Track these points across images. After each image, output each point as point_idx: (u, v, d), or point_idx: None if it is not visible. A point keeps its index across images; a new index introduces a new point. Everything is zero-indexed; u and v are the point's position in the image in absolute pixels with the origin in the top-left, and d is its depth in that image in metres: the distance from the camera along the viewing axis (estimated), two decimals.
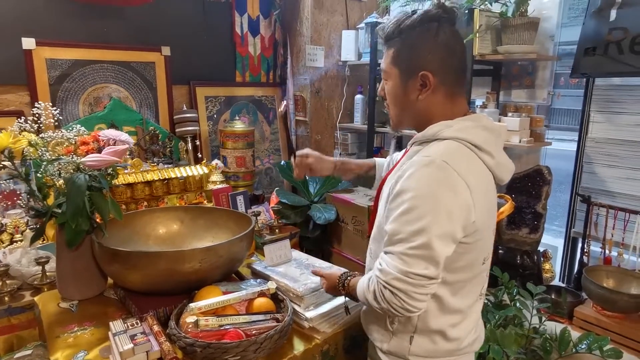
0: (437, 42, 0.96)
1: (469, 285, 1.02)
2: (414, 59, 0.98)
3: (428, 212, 0.89)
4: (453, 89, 1.01)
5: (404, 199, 0.92)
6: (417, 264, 0.89)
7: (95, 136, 1.42)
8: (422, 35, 0.97)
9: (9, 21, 1.94)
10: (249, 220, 1.53)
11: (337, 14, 2.81)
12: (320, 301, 1.32)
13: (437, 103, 1.00)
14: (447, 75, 0.99)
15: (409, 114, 1.05)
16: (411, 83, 1.00)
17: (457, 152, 0.94)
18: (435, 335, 1.03)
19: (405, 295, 0.90)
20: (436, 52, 0.97)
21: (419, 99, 1.00)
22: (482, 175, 0.97)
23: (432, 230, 0.88)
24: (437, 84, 0.99)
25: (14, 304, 1.49)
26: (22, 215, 1.81)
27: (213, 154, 2.58)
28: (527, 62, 2.30)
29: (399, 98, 1.04)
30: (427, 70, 0.97)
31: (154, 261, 1.23)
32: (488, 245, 1.04)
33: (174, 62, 2.42)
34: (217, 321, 1.13)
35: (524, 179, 2.12)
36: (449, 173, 0.90)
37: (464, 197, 0.91)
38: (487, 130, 0.99)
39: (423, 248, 0.89)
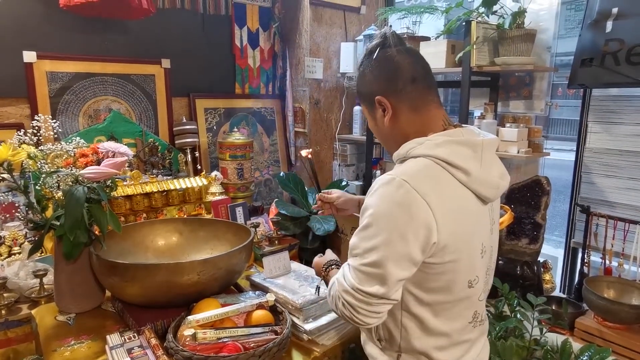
0: (378, 69, 1.00)
1: (455, 308, 0.98)
2: (367, 90, 1.03)
3: (382, 231, 0.89)
4: (415, 100, 0.99)
5: (365, 215, 0.92)
6: (368, 281, 0.90)
7: (95, 148, 1.42)
8: (367, 69, 1.02)
9: (10, 34, 1.95)
10: (248, 231, 1.52)
11: (336, 27, 2.84)
12: (319, 313, 1.32)
13: (405, 119, 1.00)
14: (401, 92, 0.98)
15: (390, 141, 1.05)
16: (376, 112, 1.03)
17: (423, 171, 0.91)
18: (420, 356, 1.00)
19: (352, 309, 0.92)
20: (380, 77, 1.00)
21: (387, 124, 1.01)
22: (455, 194, 0.93)
23: (384, 250, 0.88)
24: (394, 103, 0.99)
25: (11, 317, 1.48)
26: (21, 228, 1.81)
27: (212, 166, 2.58)
28: (525, 73, 2.32)
29: (375, 129, 1.08)
30: (380, 94, 1.00)
31: (152, 273, 1.23)
32: (474, 267, 0.97)
33: (174, 74, 2.43)
34: (215, 334, 1.13)
35: (523, 190, 2.12)
36: (406, 192, 0.87)
37: (422, 217, 0.87)
38: (463, 144, 0.94)
39: (374, 267, 0.89)
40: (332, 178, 2.99)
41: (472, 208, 0.96)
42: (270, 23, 2.78)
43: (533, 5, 2.15)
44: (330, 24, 2.81)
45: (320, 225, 2.34)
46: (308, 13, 2.68)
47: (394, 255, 0.87)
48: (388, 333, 1.01)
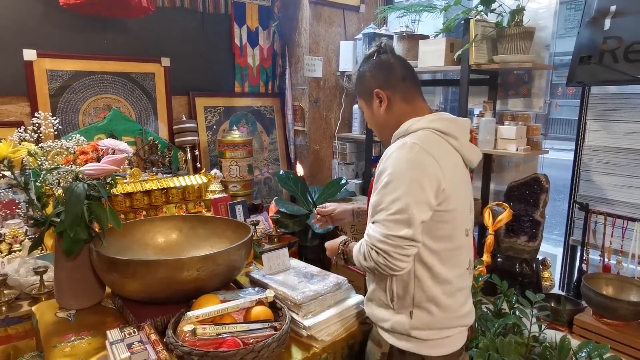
0: (375, 66, 1.23)
1: (455, 255, 1.17)
2: (366, 85, 1.25)
3: (402, 184, 1.07)
4: (407, 95, 1.22)
5: (384, 176, 1.10)
6: (396, 227, 1.06)
7: (95, 146, 1.43)
8: (366, 69, 1.25)
9: (10, 33, 1.96)
10: (248, 228, 1.53)
11: (335, 25, 2.85)
12: (319, 309, 1.32)
13: (399, 110, 1.22)
14: (395, 86, 1.21)
15: (385, 129, 1.25)
16: (372, 102, 1.25)
17: (427, 137, 1.13)
18: (430, 305, 1.15)
19: (387, 255, 1.06)
20: (378, 74, 1.23)
21: (383, 112, 1.23)
22: (450, 154, 1.16)
23: (407, 198, 1.06)
24: (390, 95, 1.22)
25: (11, 314, 1.48)
26: (21, 225, 1.81)
27: (212, 164, 2.59)
28: (523, 71, 2.32)
29: (372, 119, 1.28)
30: (377, 88, 1.22)
31: (152, 269, 1.23)
32: (468, 218, 1.21)
33: (174, 72, 2.44)
34: (214, 330, 1.13)
35: (522, 187, 2.13)
36: (418, 151, 1.09)
37: (433, 170, 1.08)
38: (450, 121, 1.19)
39: (400, 213, 1.06)
40: (331, 176, 3.00)
41: (461, 169, 1.20)
42: (269, 22, 2.78)
43: (532, 4, 2.15)
44: (330, 22, 2.82)
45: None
46: (307, 12, 2.69)
47: (415, 200, 1.06)
48: (403, 288, 1.16)
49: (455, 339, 1.20)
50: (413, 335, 1.15)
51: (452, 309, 1.16)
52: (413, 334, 1.15)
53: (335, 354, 1.29)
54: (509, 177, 2.41)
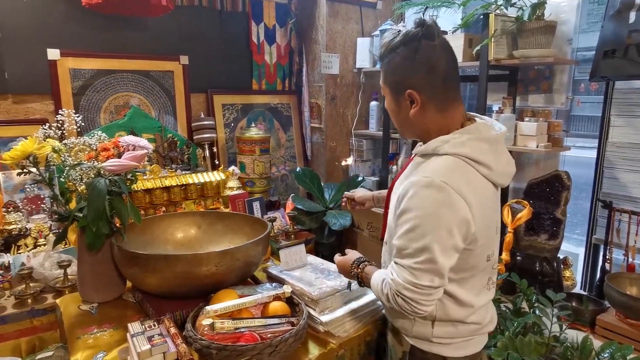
0: (417, 61, 1.01)
1: (476, 278, 1.12)
2: (399, 79, 1.05)
3: (430, 231, 0.97)
4: (443, 102, 1.05)
5: (409, 217, 1.00)
6: (424, 276, 0.99)
7: (116, 142, 1.46)
8: (403, 56, 1.03)
9: (35, 33, 2.01)
10: (265, 225, 1.54)
11: (352, 22, 2.84)
12: (336, 305, 1.32)
13: (430, 117, 1.06)
14: (433, 90, 1.03)
15: (407, 127, 1.13)
16: (401, 100, 1.07)
17: (455, 170, 1.00)
18: (455, 322, 1.12)
19: (414, 302, 1.01)
20: (418, 71, 1.02)
21: (411, 115, 1.07)
22: (481, 186, 1.03)
23: (435, 246, 0.97)
24: (424, 100, 1.04)
25: (36, 306, 1.53)
26: (46, 220, 1.86)
27: (230, 161, 2.61)
28: (545, 66, 2.28)
29: (395, 113, 1.12)
30: (412, 88, 1.03)
31: (171, 264, 1.25)
32: (492, 243, 1.12)
33: (192, 70, 2.47)
34: (232, 324, 1.14)
35: (542, 185, 2.09)
36: (448, 193, 0.97)
37: (462, 213, 0.98)
38: (484, 141, 1.04)
39: (428, 262, 0.98)
40: (348, 174, 2.99)
41: (490, 196, 1.07)
42: (286, 19, 2.79)
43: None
44: (347, 19, 2.81)
45: (336, 220, 2.35)
46: (324, 8, 2.69)
47: (443, 248, 0.98)
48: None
49: (477, 340, 1.18)
50: (435, 341, 1.14)
51: (478, 324, 1.15)
52: (435, 341, 1.14)
53: (352, 350, 1.29)
54: (529, 174, 2.37)
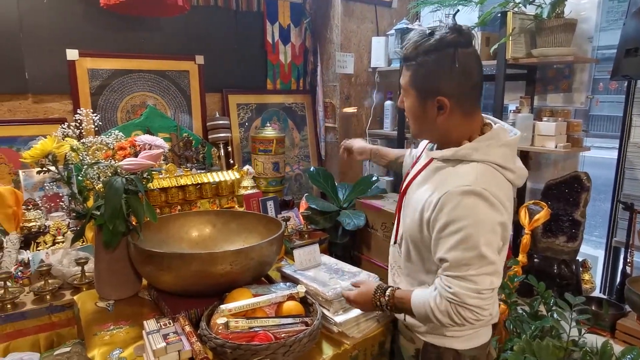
0: (454, 69, 1.01)
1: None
2: (431, 83, 1.04)
3: (481, 237, 0.99)
4: (469, 108, 1.07)
5: (457, 229, 1.00)
6: (484, 281, 1.00)
7: (132, 141, 1.47)
8: (439, 62, 1.01)
9: (54, 33, 2.04)
10: (279, 224, 1.54)
11: (367, 21, 2.82)
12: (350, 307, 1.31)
13: (454, 123, 1.07)
14: (463, 98, 1.05)
15: (427, 130, 1.13)
16: (429, 104, 1.07)
17: (489, 177, 1.03)
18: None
19: (479, 309, 1.01)
20: (453, 79, 1.02)
21: (437, 120, 1.07)
22: (508, 190, 1.08)
23: (488, 250, 1.00)
24: (453, 107, 1.05)
25: (55, 303, 1.55)
26: (64, 218, 1.89)
27: (244, 160, 2.62)
28: (564, 65, 2.24)
29: (417, 116, 1.11)
30: (444, 95, 1.03)
31: (187, 263, 1.26)
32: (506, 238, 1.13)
33: (207, 70, 2.48)
34: (247, 323, 1.15)
35: (561, 186, 2.05)
36: (489, 199, 1.00)
37: (501, 216, 1.02)
38: (506, 146, 1.07)
39: (486, 266, 1.00)
40: (362, 173, 2.98)
41: (512, 196, 1.10)
42: (301, 19, 2.79)
43: None
44: (362, 18, 2.79)
45: (350, 220, 2.33)
46: (339, 8, 2.68)
47: (494, 250, 1.01)
48: None
49: (485, 331, 1.22)
50: (449, 335, 1.16)
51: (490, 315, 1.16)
52: (449, 334, 1.16)
53: (365, 351, 1.28)
54: (547, 175, 2.32)
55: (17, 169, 1.99)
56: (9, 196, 1.90)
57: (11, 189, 1.94)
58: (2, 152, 1.97)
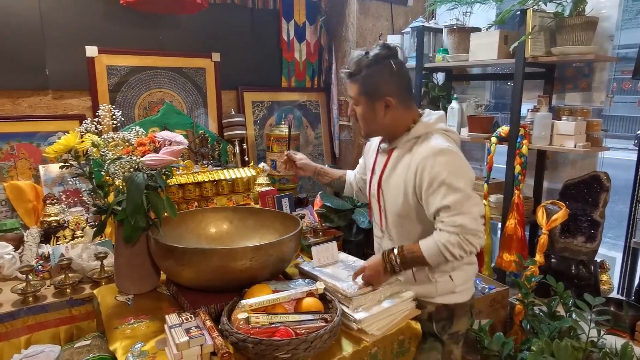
0: (392, 74, 1.29)
1: None
2: (377, 89, 1.30)
3: (461, 181, 1.23)
4: (408, 103, 1.34)
5: (441, 181, 1.23)
6: (475, 209, 1.24)
7: (152, 137, 1.48)
8: (380, 71, 1.28)
9: (75, 30, 2.07)
10: (296, 221, 1.54)
11: (383, 19, 2.81)
12: (370, 304, 1.31)
13: (399, 115, 1.33)
14: (402, 94, 1.32)
15: (378, 128, 1.37)
16: (377, 106, 1.32)
17: (445, 138, 1.31)
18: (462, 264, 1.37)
19: (480, 232, 1.24)
20: (393, 82, 1.30)
21: (385, 117, 1.33)
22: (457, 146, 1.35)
23: (469, 189, 1.24)
24: (396, 103, 1.31)
25: (75, 296, 1.57)
26: (83, 213, 1.91)
27: (259, 158, 2.63)
28: (584, 63, 2.21)
29: (369, 118, 1.35)
30: (388, 95, 1.30)
31: (207, 258, 1.26)
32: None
33: (223, 67, 2.49)
34: (267, 319, 1.15)
35: (579, 186, 2.03)
36: (454, 151, 1.27)
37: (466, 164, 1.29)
38: (441, 117, 1.37)
39: (472, 199, 1.24)
40: None
41: None
42: (316, 16, 2.79)
43: None
44: (377, 16, 2.79)
45: (365, 218, 2.33)
46: (355, 6, 2.67)
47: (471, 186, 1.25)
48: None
49: (472, 284, 1.46)
50: (457, 291, 1.38)
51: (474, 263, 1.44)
52: (458, 290, 1.38)
53: (385, 349, 1.28)
54: (564, 175, 2.30)
55: (37, 164, 2.02)
56: (29, 191, 1.93)
57: (31, 183, 1.97)
58: (23, 148, 2.00)
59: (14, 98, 2.00)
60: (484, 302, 1.93)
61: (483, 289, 2.04)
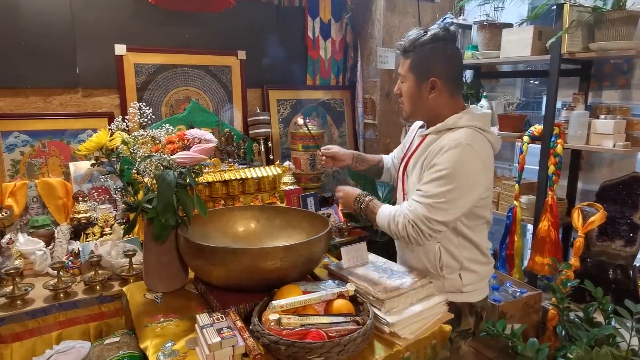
0: (443, 56, 1.31)
1: (484, 226, 1.43)
2: (427, 68, 1.32)
3: (454, 181, 1.24)
4: (454, 90, 1.36)
5: (438, 169, 1.26)
6: (439, 214, 1.26)
7: (181, 135, 1.47)
8: (432, 51, 1.30)
9: (104, 28, 2.08)
10: (325, 221, 1.51)
11: (409, 16, 2.76)
12: (402, 306, 1.28)
13: (442, 102, 1.35)
14: (449, 80, 1.33)
15: (420, 109, 1.38)
16: (423, 86, 1.34)
17: (474, 137, 1.29)
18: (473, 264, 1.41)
19: (422, 233, 1.28)
20: (443, 65, 1.32)
21: (429, 98, 1.35)
22: (488, 149, 1.34)
23: (455, 193, 1.25)
24: (442, 87, 1.33)
25: (104, 293, 1.58)
26: (111, 210, 1.93)
27: (283, 156, 2.61)
28: (622, 60, 2.12)
29: (414, 97, 1.37)
30: (435, 76, 1.31)
31: (238, 257, 1.25)
32: (492, 198, 1.44)
33: (249, 65, 2.48)
34: (299, 320, 1.13)
35: (618, 187, 1.95)
36: (471, 153, 1.25)
37: (480, 169, 1.27)
38: (481, 116, 1.35)
39: (446, 204, 1.25)
40: None
41: (492, 159, 1.37)
42: (342, 13, 2.76)
43: None
44: (404, 13, 2.74)
45: None
46: (381, 2, 2.63)
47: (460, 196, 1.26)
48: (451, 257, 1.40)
49: (486, 285, 1.48)
50: (465, 291, 1.41)
51: (487, 265, 1.45)
52: (465, 290, 1.41)
53: (418, 353, 1.24)
54: (599, 175, 2.22)
55: (66, 161, 2.04)
56: (59, 188, 1.96)
57: (61, 180, 1.99)
58: (54, 145, 2.02)
59: (45, 96, 2.02)
60: (516, 306, 1.87)
61: (514, 293, 1.98)
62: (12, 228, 1.77)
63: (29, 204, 1.91)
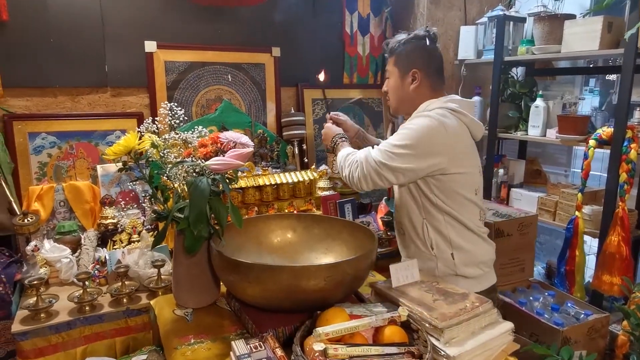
0: (424, 53, 1.42)
1: (468, 207, 1.42)
2: (409, 61, 1.43)
3: (414, 137, 1.32)
4: (435, 84, 1.45)
5: (404, 127, 1.37)
6: (390, 159, 1.33)
7: (215, 138, 1.35)
8: (414, 48, 1.43)
9: (134, 25, 1.99)
10: (370, 233, 1.37)
11: (455, 9, 2.58)
12: (463, 336, 1.11)
13: (424, 93, 1.44)
14: (430, 74, 1.43)
15: (404, 102, 1.47)
16: (406, 78, 1.44)
17: (443, 113, 1.36)
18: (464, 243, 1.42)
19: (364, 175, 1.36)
20: (423, 57, 1.42)
21: (411, 90, 1.44)
22: (462, 130, 1.40)
23: (411, 148, 1.32)
24: (422, 78, 1.42)
25: (132, 306, 1.48)
26: (139, 216, 1.83)
27: (318, 159, 2.47)
28: None
29: (398, 90, 1.47)
30: (416, 68, 1.42)
31: (276, 275, 1.12)
32: (476, 181, 1.45)
33: (283, 63, 2.35)
34: (347, 351, 0.98)
35: None
36: (436, 121, 1.33)
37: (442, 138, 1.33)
38: (459, 101, 1.42)
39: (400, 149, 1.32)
40: None
41: (468, 140, 1.43)
42: (382, 7, 2.60)
43: None
44: (449, 6, 2.55)
45: None
46: None
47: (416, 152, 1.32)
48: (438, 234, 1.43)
49: (489, 274, 1.49)
50: (459, 273, 1.41)
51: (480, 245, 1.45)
52: (460, 272, 1.41)
53: None
54: None
55: (94, 163, 1.96)
56: (87, 191, 1.88)
57: (89, 184, 1.91)
58: (82, 147, 1.94)
59: (73, 96, 1.95)
60: (581, 331, 1.67)
61: (577, 314, 1.77)
62: (37, 234, 1.70)
63: (55, 209, 1.83)
